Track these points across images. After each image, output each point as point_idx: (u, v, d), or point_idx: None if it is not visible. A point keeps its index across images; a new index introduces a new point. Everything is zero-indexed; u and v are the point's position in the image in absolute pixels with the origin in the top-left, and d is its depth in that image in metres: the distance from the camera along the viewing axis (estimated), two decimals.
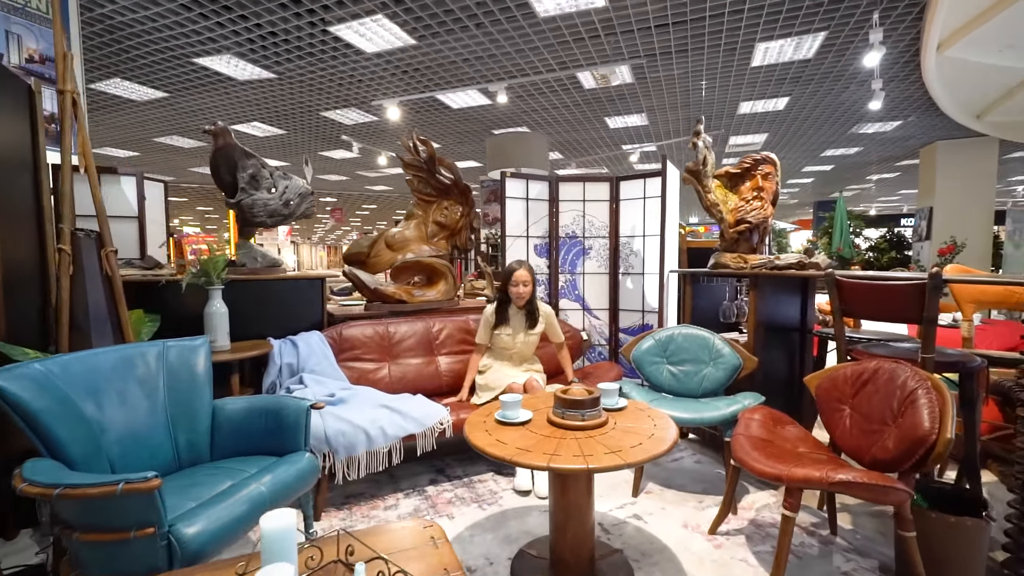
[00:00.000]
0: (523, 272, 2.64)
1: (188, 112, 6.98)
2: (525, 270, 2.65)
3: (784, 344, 2.88)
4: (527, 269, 2.66)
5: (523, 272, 2.64)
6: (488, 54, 5.07)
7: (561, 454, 1.49)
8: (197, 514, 1.40)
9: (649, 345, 2.83)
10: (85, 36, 4.60)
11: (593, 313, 3.83)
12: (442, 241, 3.70)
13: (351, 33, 4.57)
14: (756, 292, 2.69)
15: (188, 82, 5.82)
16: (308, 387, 2.54)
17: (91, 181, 2.01)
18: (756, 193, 2.87)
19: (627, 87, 6.08)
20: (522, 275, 2.63)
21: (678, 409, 2.38)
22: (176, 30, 4.50)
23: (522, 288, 2.63)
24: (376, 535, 1.30)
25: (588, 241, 3.82)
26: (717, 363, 2.67)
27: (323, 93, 6.22)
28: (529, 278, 2.66)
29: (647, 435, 1.64)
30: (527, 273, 2.65)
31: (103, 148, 8.91)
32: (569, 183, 3.81)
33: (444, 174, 3.58)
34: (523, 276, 2.64)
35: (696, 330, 2.80)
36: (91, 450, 1.53)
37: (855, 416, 1.89)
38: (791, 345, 2.91)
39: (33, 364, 1.52)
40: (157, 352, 1.89)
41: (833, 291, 2.21)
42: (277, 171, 3.11)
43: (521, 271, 2.63)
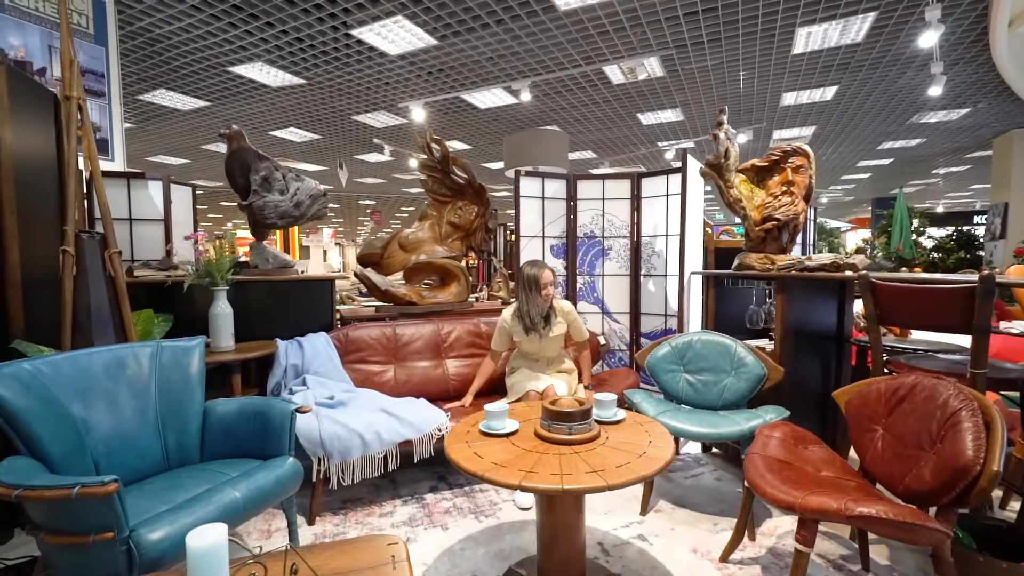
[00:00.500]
0: (548, 272, 2.56)
1: (229, 120, 7.28)
2: (549, 271, 2.57)
3: (817, 354, 2.62)
4: (551, 270, 2.59)
5: (548, 272, 2.56)
6: (511, 51, 4.98)
7: (538, 471, 1.37)
8: (163, 519, 1.38)
9: (665, 352, 2.64)
10: (128, 49, 4.85)
11: (613, 316, 3.66)
12: (456, 242, 3.64)
13: (373, 36, 4.59)
14: (784, 296, 2.46)
15: (226, 90, 6.05)
16: (310, 389, 2.53)
17: (96, 185, 2.06)
18: (786, 188, 2.63)
19: (658, 81, 5.83)
20: (548, 276, 2.55)
21: (691, 422, 2.20)
22: (209, 40, 4.67)
23: (550, 289, 2.56)
24: (331, 552, 1.23)
25: (608, 241, 3.65)
26: (739, 373, 2.46)
27: (352, 97, 6.33)
28: (553, 278, 2.61)
29: (638, 453, 1.49)
30: (550, 272, 2.58)
31: (157, 156, 9.46)
32: (588, 181, 3.66)
33: (458, 174, 3.52)
34: (549, 277, 2.56)
35: (716, 336, 2.59)
36: (73, 450, 1.54)
37: (888, 438, 1.66)
38: (825, 355, 2.65)
39: (22, 363, 1.55)
40: (151, 352, 1.90)
41: (867, 296, 1.97)
42: (290, 173, 3.14)
43: (546, 272, 2.54)
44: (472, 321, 3.15)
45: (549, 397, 2.50)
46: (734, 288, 2.90)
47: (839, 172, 11.78)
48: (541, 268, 2.55)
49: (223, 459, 1.87)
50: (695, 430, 2.16)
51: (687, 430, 2.17)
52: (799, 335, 2.52)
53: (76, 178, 2.00)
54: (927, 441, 1.50)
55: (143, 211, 3.41)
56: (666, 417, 2.24)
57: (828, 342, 2.65)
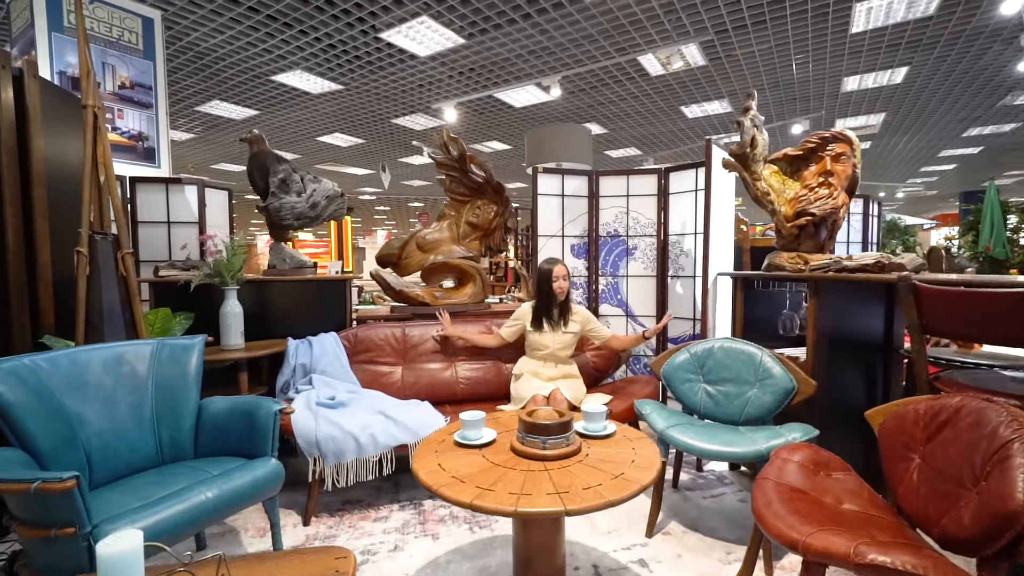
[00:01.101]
0: (561, 267, 2.66)
1: (279, 127, 7.64)
2: (561, 266, 2.66)
3: (860, 366, 2.32)
4: (563, 265, 2.67)
5: (561, 267, 2.66)
6: (540, 47, 4.86)
7: (496, 490, 1.26)
8: (131, 516, 1.39)
9: (683, 359, 2.43)
10: (181, 64, 5.18)
11: (638, 320, 3.46)
12: (475, 242, 3.57)
13: (402, 38, 4.63)
14: (817, 299, 2.19)
15: (272, 99, 6.34)
16: (314, 388, 2.54)
17: (110, 188, 2.17)
18: (823, 179, 2.35)
19: (700, 70, 5.50)
20: (561, 269, 2.66)
21: (702, 437, 2.00)
22: (251, 50, 4.89)
23: (563, 282, 2.64)
24: (272, 563, 1.18)
25: (632, 240, 3.45)
26: (764, 385, 2.22)
27: (389, 100, 6.44)
28: (566, 272, 2.67)
29: (613, 474, 1.34)
30: (564, 267, 2.67)
31: (220, 164, 10.12)
32: (611, 176, 3.48)
33: (476, 172, 3.45)
34: (562, 270, 2.66)
35: (740, 344, 2.35)
36: (63, 443, 1.59)
37: (925, 470, 1.41)
38: (870, 368, 2.33)
39: (22, 359, 1.62)
40: (151, 350, 1.96)
41: (909, 301, 1.69)
42: (308, 175, 3.20)
43: (559, 266, 2.66)
44: (485, 323, 3.07)
45: (556, 401, 2.39)
46: (767, 291, 2.63)
47: (917, 164, 10.68)
48: (554, 263, 2.65)
49: (214, 456, 1.89)
50: (704, 447, 1.95)
51: (695, 446, 1.97)
52: (837, 344, 2.24)
53: (92, 182, 2.11)
54: (969, 477, 1.25)
55: (180, 214, 3.60)
56: (675, 431, 2.05)
57: (873, 353, 2.33)
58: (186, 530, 1.48)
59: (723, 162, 2.42)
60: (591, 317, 2.71)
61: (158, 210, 3.52)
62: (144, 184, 3.50)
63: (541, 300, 2.63)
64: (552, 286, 2.59)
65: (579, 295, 3.53)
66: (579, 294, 3.53)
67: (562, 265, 2.63)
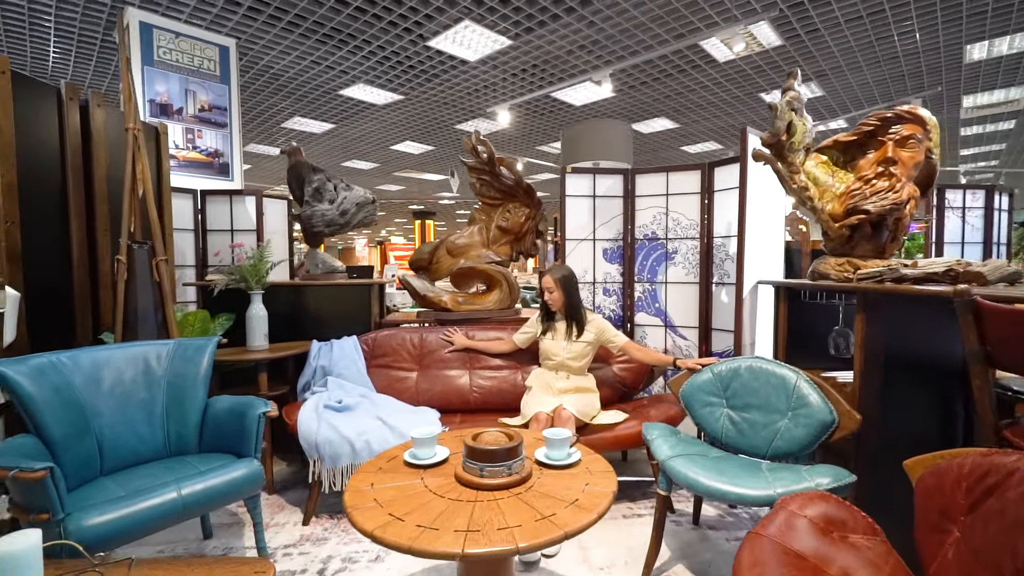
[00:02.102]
0: (546, 278, 2.53)
1: (356, 138, 8.15)
2: (548, 276, 2.53)
3: (925, 399, 1.87)
4: (550, 274, 2.53)
5: (546, 278, 2.53)
6: (590, 40, 4.64)
7: (405, 520, 1.16)
8: (102, 508, 1.50)
9: (704, 380, 2.15)
10: (261, 86, 5.70)
11: (678, 331, 3.14)
12: (504, 246, 3.49)
13: (449, 44, 4.68)
14: (866, 315, 1.80)
15: (344, 112, 6.76)
16: (328, 390, 2.62)
17: (148, 202, 2.40)
18: (883, 168, 1.94)
19: (776, 51, 4.91)
20: (545, 281, 2.53)
21: (711, 472, 1.72)
22: (316, 68, 5.24)
23: (547, 295, 2.52)
24: (186, 570, 1.19)
25: (672, 243, 3.15)
26: (797, 415, 1.87)
27: (448, 107, 6.57)
28: (552, 283, 2.51)
29: (541, 515, 1.18)
30: (549, 278, 2.52)
31: None
32: (649, 174, 3.20)
33: (505, 174, 3.37)
34: (545, 282, 2.54)
35: (771, 365, 2.02)
36: (74, 432, 1.77)
37: (963, 549, 1.07)
38: (939, 401, 1.87)
39: (46, 356, 1.83)
40: (168, 350, 2.13)
41: (968, 321, 1.31)
42: (342, 183, 3.32)
43: (545, 277, 2.54)
44: (507, 331, 2.96)
45: (561, 420, 2.23)
46: (817, 303, 2.23)
47: None
48: (543, 273, 2.59)
49: (213, 452, 2.00)
50: (706, 483, 1.68)
51: (696, 481, 1.70)
52: (895, 370, 1.83)
53: (132, 196, 2.34)
54: (1010, 570, 0.91)
55: (241, 223, 3.93)
56: (679, 462, 1.80)
57: (945, 383, 1.87)
58: (153, 526, 1.56)
59: (753, 153, 2.09)
60: (607, 326, 2.51)
61: (222, 219, 3.87)
62: (212, 196, 3.87)
63: (543, 307, 2.55)
64: (543, 298, 2.47)
65: (613, 303, 3.29)
66: (613, 301, 3.29)
67: (547, 276, 2.50)
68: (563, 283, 2.48)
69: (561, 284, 2.47)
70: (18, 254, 2.17)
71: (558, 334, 2.51)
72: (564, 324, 2.50)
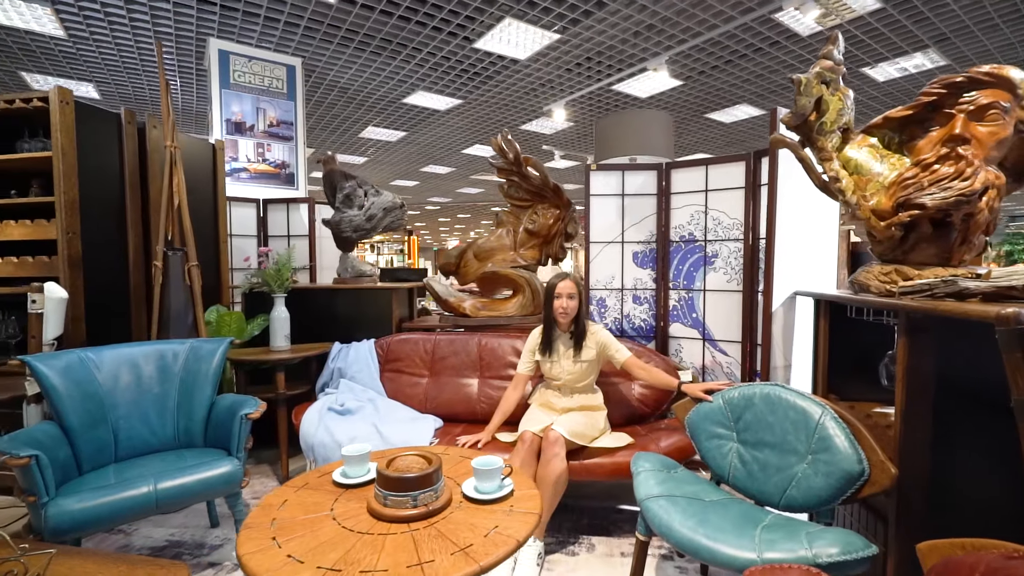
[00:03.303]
0: (568, 283, 2.23)
1: (428, 144, 8.42)
2: (570, 280, 2.24)
3: (992, 448, 1.40)
4: (572, 280, 2.25)
5: (568, 283, 2.23)
6: (643, 25, 4.30)
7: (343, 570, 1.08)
8: (86, 495, 1.64)
9: (714, 407, 1.84)
10: (333, 100, 6.09)
11: (718, 346, 2.76)
12: (531, 250, 3.34)
13: (495, 44, 4.61)
14: (909, 339, 1.40)
15: (412, 120, 7.01)
16: (337, 393, 2.68)
17: (183, 212, 2.62)
18: (949, 149, 1.50)
19: (876, 16, 4.16)
20: (567, 286, 2.22)
21: (693, 521, 1.45)
22: (377, 79, 5.47)
23: (566, 301, 2.21)
24: (102, 565, 1.24)
25: (712, 246, 2.78)
26: (817, 460, 1.52)
27: (508, 108, 6.51)
28: (575, 290, 2.23)
29: (418, 561, 1.05)
30: (572, 284, 2.23)
31: (395, 181, 11.66)
32: (685, 169, 2.86)
33: (532, 174, 3.22)
34: (568, 287, 2.22)
35: (791, 395, 1.66)
36: (91, 421, 1.96)
37: None
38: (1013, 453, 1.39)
39: (77, 352, 2.06)
40: (185, 349, 2.31)
41: (1015, 361, 0.93)
42: (372, 189, 3.40)
43: (565, 282, 2.24)
44: (522, 340, 2.82)
45: (549, 441, 2.05)
46: (868, 321, 1.79)
47: None
48: (562, 277, 2.24)
49: (213, 447, 2.13)
50: (681, 533, 1.41)
51: (670, 529, 1.44)
52: (949, 411, 1.40)
53: (168, 207, 2.58)
54: None
55: (297, 228, 4.21)
56: (660, 504, 1.55)
57: None
58: (126, 516, 1.68)
59: (771, 140, 1.73)
60: (609, 338, 2.25)
61: (280, 225, 4.18)
62: (273, 204, 4.20)
63: (545, 323, 2.28)
64: (554, 306, 2.21)
65: (644, 311, 2.99)
66: (644, 310, 2.99)
67: (570, 281, 2.22)
68: (579, 291, 2.26)
69: (579, 292, 2.25)
70: (79, 261, 2.49)
71: (558, 354, 2.27)
72: (564, 343, 2.27)
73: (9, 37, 4.41)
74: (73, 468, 1.88)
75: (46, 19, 4.11)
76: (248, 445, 2.04)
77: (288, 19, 4.15)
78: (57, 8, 3.92)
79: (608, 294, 3.02)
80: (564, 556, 2.03)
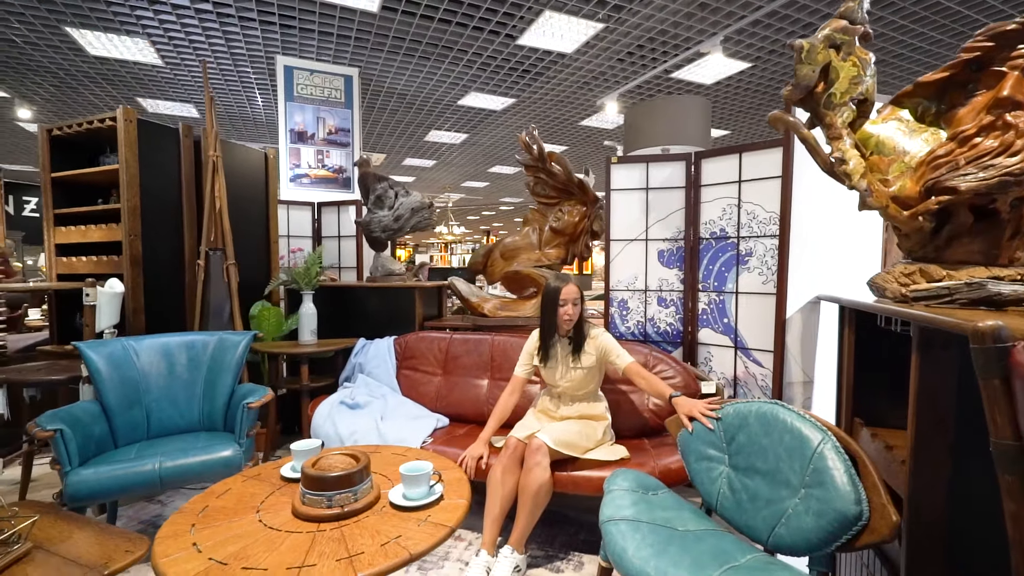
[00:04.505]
0: (572, 288, 2.12)
1: (490, 146, 8.52)
2: (574, 285, 2.14)
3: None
4: (576, 284, 2.15)
5: (572, 288, 2.12)
6: (693, 5, 3.97)
7: (184, 538, 1.13)
8: (99, 467, 1.84)
9: None
10: (395, 107, 6.36)
11: (751, 355, 2.46)
12: (554, 249, 3.24)
13: (539, 38, 4.52)
14: (921, 355, 1.13)
15: (471, 121, 7.12)
16: (353, 387, 2.77)
17: (223, 215, 2.86)
18: (995, 117, 1.19)
19: None
20: (572, 292, 2.11)
21: (649, 551, 1.29)
22: (430, 84, 5.62)
23: (571, 308, 2.10)
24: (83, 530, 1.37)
25: (746, 243, 2.49)
26: (810, 495, 1.28)
27: (564, 104, 6.37)
28: (579, 295, 2.12)
29: (315, 560, 1.03)
30: (577, 290, 2.13)
31: (467, 182, 11.95)
32: (717, 158, 2.59)
33: (556, 170, 3.12)
34: (573, 292, 2.11)
35: (790, 415, 1.42)
36: (126, 402, 2.21)
37: None
38: None
39: (119, 341, 2.33)
40: (214, 340, 2.51)
41: (992, 387, 0.70)
42: (402, 190, 3.48)
43: (570, 287, 2.12)
44: None
45: (531, 450, 1.96)
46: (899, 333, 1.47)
47: None
48: (565, 281, 2.13)
49: (229, 432, 2.30)
50: (633, 563, 1.26)
51: (622, 558, 1.30)
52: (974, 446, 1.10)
53: (211, 210, 2.83)
54: None
55: (347, 229, 4.44)
56: (621, 528, 1.40)
57: None
58: (133, 490, 1.86)
59: (770, 118, 1.48)
60: (610, 343, 2.09)
61: (332, 226, 4.44)
62: (326, 207, 4.47)
63: (543, 329, 2.16)
64: (559, 312, 2.07)
65: (670, 315, 2.75)
66: (670, 314, 2.75)
67: (574, 286, 2.10)
68: (582, 296, 2.14)
69: (582, 296, 2.14)
70: (139, 260, 2.81)
71: (555, 360, 2.15)
72: (562, 348, 2.15)
73: (123, 68, 5.15)
74: (109, 442, 2.12)
75: (146, 50, 4.73)
76: (252, 432, 2.18)
77: (340, 32, 4.40)
78: (152, 40, 4.50)
79: (630, 295, 2.82)
80: (547, 571, 1.91)
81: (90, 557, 1.31)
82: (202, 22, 4.20)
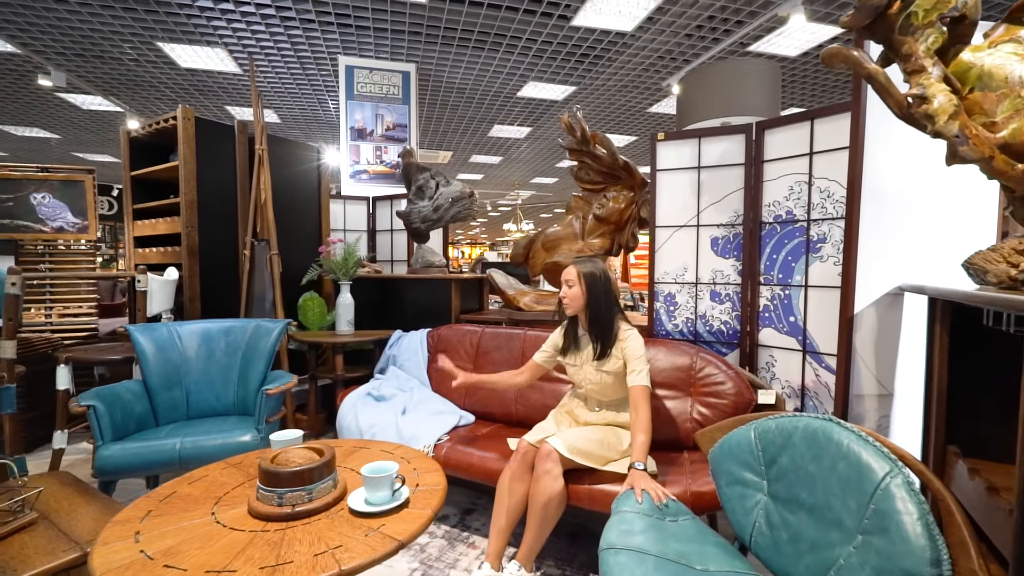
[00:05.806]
0: (572, 268, 1.90)
1: (554, 140, 8.29)
2: (572, 266, 1.91)
3: None
4: (574, 265, 1.91)
5: (572, 268, 1.90)
6: None
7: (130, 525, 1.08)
8: (126, 444, 1.92)
9: (742, 440, 1.34)
10: (455, 102, 6.36)
11: (823, 361, 2.06)
12: (599, 239, 2.99)
13: (593, 17, 4.25)
14: None
15: (532, 114, 6.95)
16: (383, 379, 2.73)
17: (266, 207, 2.95)
18: None
19: None
20: (570, 271, 1.89)
21: None
22: (487, 75, 5.53)
23: (566, 288, 1.89)
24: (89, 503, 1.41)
25: (818, 227, 2.09)
26: (868, 545, 0.98)
27: (628, 89, 5.99)
28: (574, 276, 1.88)
29: (240, 565, 0.93)
30: (573, 269, 1.89)
31: (534, 179, 11.80)
32: (783, 128, 2.20)
33: (601, 152, 2.87)
34: (569, 272, 1.89)
35: (847, 436, 1.11)
36: (167, 383, 2.32)
37: None
38: None
39: (165, 325, 2.46)
40: (251, 327, 2.58)
41: None
42: (443, 180, 3.41)
43: (568, 267, 1.91)
44: None
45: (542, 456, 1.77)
46: (1011, 333, 1.08)
47: None
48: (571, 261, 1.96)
49: None
50: None
51: None
52: None
53: (256, 203, 2.93)
54: None
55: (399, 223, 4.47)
56: (622, 558, 1.17)
57: None
58: (155, 467, 1.92)
59: (823, 56, 1.15)
60: (633, 353, 1.79)
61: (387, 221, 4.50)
62: (380, 201, 4.54)
63: (563, 316, 1.97)
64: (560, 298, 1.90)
65: (725, 312, 2.40)
66: (725, 310, 2.40)
67: (572, 266, 1.89)
68: (588, 280, 1.88)
69: (586, 280, 1.88)
70: (196, 250, 2.98)
71: (581, 357, 1.92)
72: (587, 343, 1.91)
73: (209, 78, 5.62)
74: (150, 420, 2.24)
75: (227, 59, 5.11)
76: (273, 418, 2.19)
77: (393, 27, 4.44)
78: (229, 49, 4.84)
79: (678, 289, 2.50)
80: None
81: (82, 532, 1.33)
82: (268, 27, 4.43)
